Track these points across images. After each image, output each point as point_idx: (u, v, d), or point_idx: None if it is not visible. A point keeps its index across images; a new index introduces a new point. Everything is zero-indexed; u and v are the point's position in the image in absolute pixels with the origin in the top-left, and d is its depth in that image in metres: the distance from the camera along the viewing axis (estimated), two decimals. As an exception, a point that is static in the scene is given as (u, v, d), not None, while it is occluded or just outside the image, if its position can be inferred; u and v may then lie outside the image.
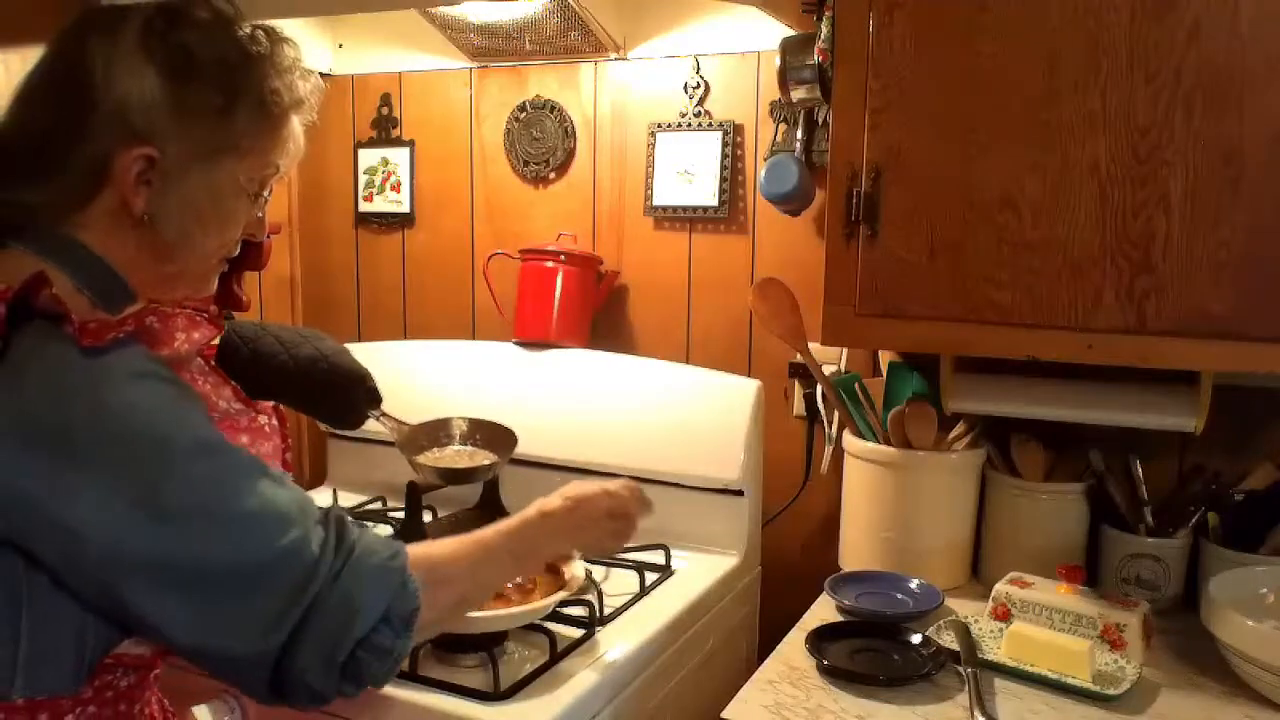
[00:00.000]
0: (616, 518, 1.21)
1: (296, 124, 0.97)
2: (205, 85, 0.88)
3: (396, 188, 2.21)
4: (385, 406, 1.40)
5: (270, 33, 0.93)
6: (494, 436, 1.58)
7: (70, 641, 0.81)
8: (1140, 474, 1.50)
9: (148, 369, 0.82)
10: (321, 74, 2.21)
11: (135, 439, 0.78)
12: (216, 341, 1.28)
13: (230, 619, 0.80)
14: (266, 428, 0.99)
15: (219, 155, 0.90)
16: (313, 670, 0.82)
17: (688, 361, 1.91)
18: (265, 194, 0.99)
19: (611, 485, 1.23)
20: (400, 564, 0.89)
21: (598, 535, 1.20)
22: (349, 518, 0.90)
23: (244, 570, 0.80)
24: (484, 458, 1.54)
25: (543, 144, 2.03)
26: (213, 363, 0.99)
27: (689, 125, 1.89)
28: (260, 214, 1.00)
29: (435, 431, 1.55)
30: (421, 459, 1.48)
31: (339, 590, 0.83)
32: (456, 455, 1.53)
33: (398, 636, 0.87)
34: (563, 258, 1.91)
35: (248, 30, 0.92)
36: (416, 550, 0.93)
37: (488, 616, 1.24)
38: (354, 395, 1.30)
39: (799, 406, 1.86)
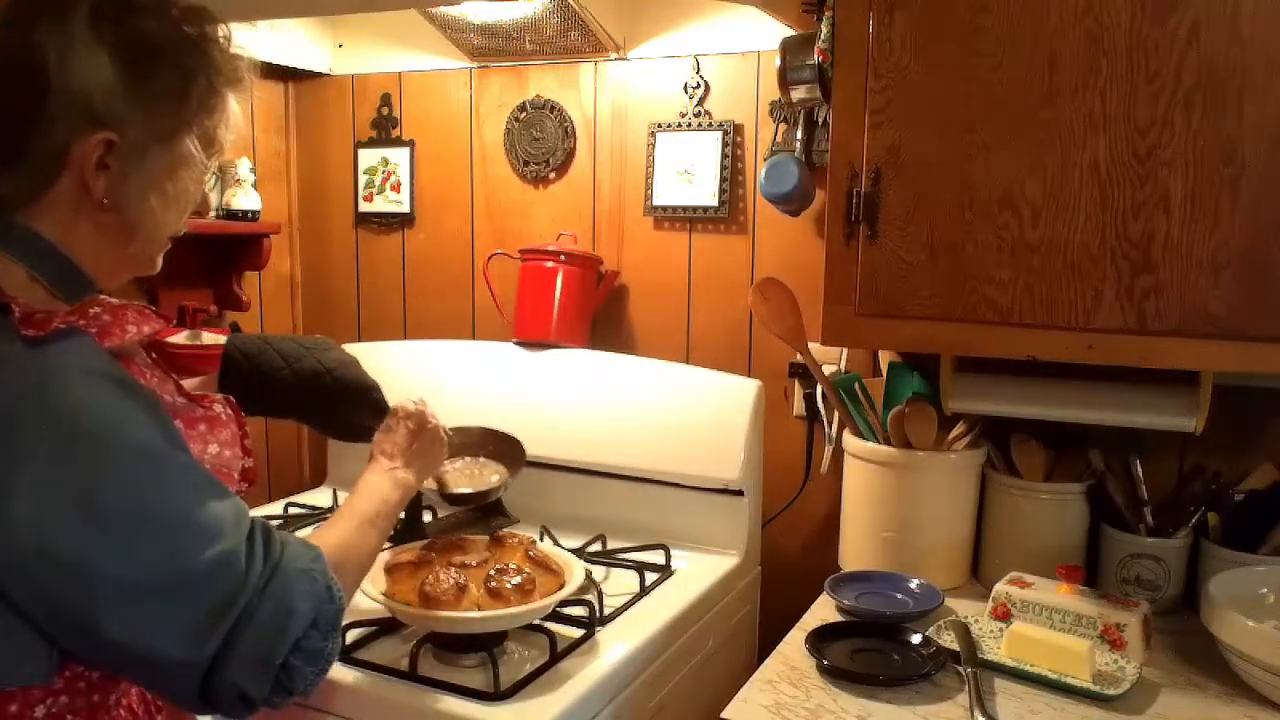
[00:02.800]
0: (417, 436, 1.23)
1: (233, 102, 0.98)
2: (161, 69, 0.89)
3: (396, 188, 2.21)
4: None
5: (203, 11, 0.94)
6: (503, 448, 1.55)
7: (39, 631, 0.81)
8: (1140, 474, 1.50)
9: (96, 367, 0.83)
10: (321, 74, 2.23)
11: (77, 440, 0.79)
12: (209, 340, 1.28)
13: (162, 625, 0.80)
14: (223, 415, 0.99)
15: (176, 135, 0.91)
16: (246, 677, 0.83)
17: (688, 361, 1.91)
18: (214, 170, 1.01)
19: (429, 416, 1.26)
20: (323, 567, 0.91)
21: (422, 458, 1.23)
22: (273, 527, 0.91)
23: (174, 578, 0.81)
24: (491, 471, 1.50)
25: (543, 144, 2.03)
26: (154, 356, 0.99)
27: (689, 125, 1.89)
28: (206, 190, 1.01)
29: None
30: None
31: (269, 599, 0.84)
32: (463, 469, 1.50)
33: (326, 639, 0.89)
34: (563, 258, 1.91)
35: (180, 10, 0.92)
36: (323, 543, 0.95)
37: (488, 616, 1.24)
38: (358, 409, 1.28)
39: (799, 406, 1.86)
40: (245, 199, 2.03)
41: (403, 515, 1.58)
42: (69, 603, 0.79)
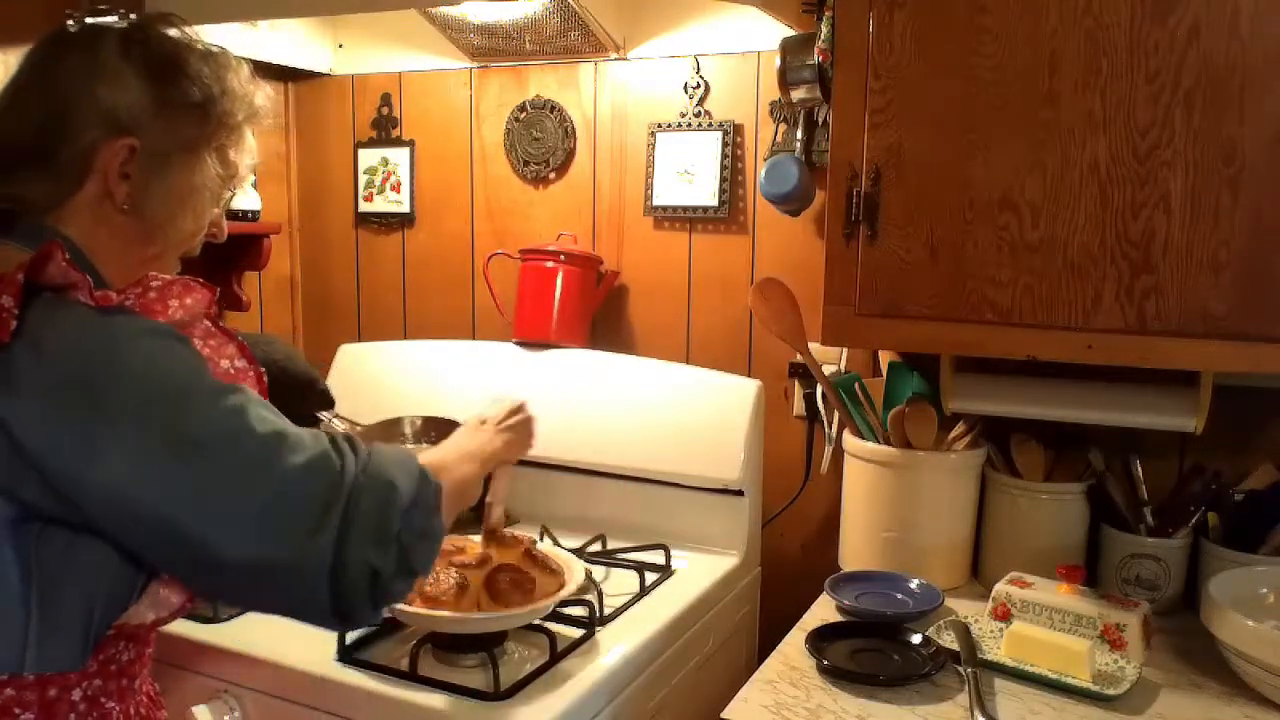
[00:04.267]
0: (529, 436, 1.33)
1: (249, 132, 1.04)
2: (183, 83, 0.95)
3: (396, 188, 2.21)
4: (383, 408, 1.40)
5: (223, 52, 1.01)
6: (447, 433, 1.56)
7: (79, 616, 0.85)
8: (1140, 474, 1.50)
9: (158, 328, 0.87)
10: (321, 74, 2.23)
11: (156, 387, 0.82)
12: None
13: (276, 531, 0.83)
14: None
15: (196, 148, 0.97)
16: (373, 552, 0.85)
17: (688, 361, 1.91)
18: (228, 194, 1.05)
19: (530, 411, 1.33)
20: (413, 455, 0.97)
21: (512, 438, 1.29)
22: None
23: (278, 484, 0.83)
24: None
25: (543, 144, 2.03)
26: (219, 323, 1.01)
27: (689, 125, 1.89)
28: (220, 213, 1.06)
29: (389, 431, 1.53)
30: None
31: (369, 477, 0.88)
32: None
33: (429, 518, 0.93)
34: (563, 258, 1.91)
35: (201, 47, 1.00)
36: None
37: (488, 617, 1.24)
38: (305, 399, 1.31)
39: (799, 406, 1.86)
40: (245, 199, 2.03)
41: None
42: (189, 540, 0.81)
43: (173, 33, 0.98)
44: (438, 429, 1.55)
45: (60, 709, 0.86)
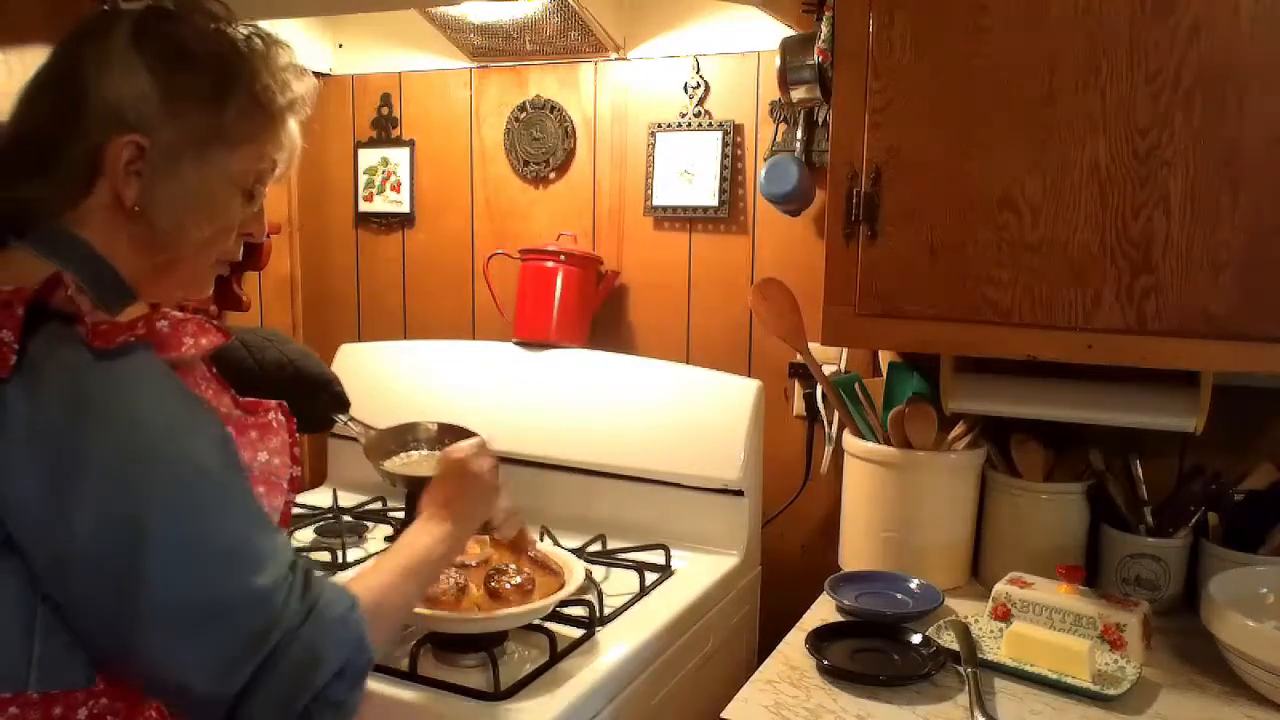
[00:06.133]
0: (479, 484, 1.18)
1: (292, 123, 0.98)
2: (193, 73, 0.89)
3: (396, 188, 2.21)
4: (382, 408, 1.39)
5: (265, 36, 0.95)
6: (460, 440, 1.56)
7: (82, 637, 0.82)
8: (1140, 474, 1.50)
9: (161, 383, 0.83)
10: (321, 74, 2.23)
11: (136, 457, 0.79)
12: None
13: (193, 653, 0.80)
14: (274, 423, 0.99)
15: (209, 145, 0.91)
16: (272, 716, 0.82)
17: (688, 361, 1.91)
18: (261, 191, 0.99)
19: (472, 465, 1.18)
20: (358, 617, 0.89)
21: (479, 507, 1.19)
22: (315, 567, 0.89)
23: (213, 607, 0.80)
24: None
25: (543, 144, 2.03)
26: (214, 369, 0.99)
27: (689, 125, 1.89)
28: (257, 211, 1.00)
29: (403, 436, 1.53)
30: (387, 465, 1.46)
31: (300, 641, 0.82)
32: (423, 461, 1.50)
33: (351, 690, 0.86)
34: (563, 258, 1.91)
35: (243, 33, 0.94)
36: (360, 591, 0.92)
37: (488, 617, 1.24)
38: (320, 400, 1.28)
39: (799, 406, 1.86)
40: (245, 199, 2.03)
41: (403, 515, 1.59)
42: (111, 619, 0.79)
43: (196, 15, 0.92)
44: (452, 436, 1.54)
45: None
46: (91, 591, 0.79)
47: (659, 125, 1.91)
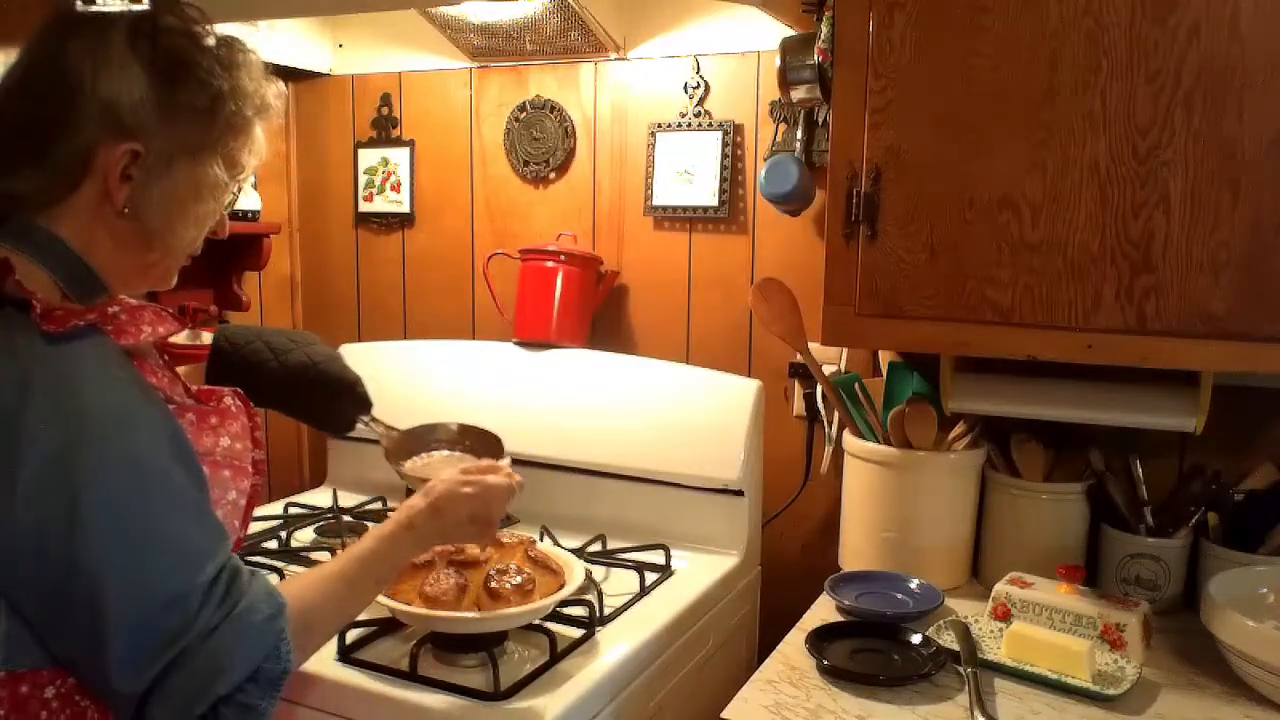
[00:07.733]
0: (478, 521, 1.12)
1: (259, 129, 1.02)
2: (190, 86, 0.92)
3: (396, 188, 2.21)
4: (382, 408, 1.39)
5: (236, 42, 0.98)
6: (481, 442, 1.56)
7: (29, 620, 0.82)
8: (1140, 474, 1.50)
9: (111, 370, 0.84)
10: (321, 74, 2.23)
11: (78, 444, 0.80)
12: (208, 340, 1.29)
13: (106, 647, 0.80)
14: (232, 408, 1.00)
15: (201, 153, 0.94)
16: (164, 718, 0.82)
17: (688, 361, 1.91)
18: (234, 193, 1.03)
19: (489, 480, 1.14)
20: (279, 626, 0.88)
21: (459, 539, 1.18)
22: (245, 569, 0.89)
23: (131, 602, 0.80)
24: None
25: (543, 144, 2.03)
26: (167, 358, 1.00)
27: (689, 125, 1.89)
28: (225, 213, 1.04)
29: (423, 437, 1.52)
30: (407, 467, 1.46)
31: (209, 647, 0.82)
32: (443, 462, 1.50)
33: (263, 696, 0.86)
34: (563, 258, 1.91)
35: (214, 40, 0.96)
36: (291, 597, 0.92)
37: (488, 616, 1.24)
38: (343, 402, 1.29)
39: (799, 406, 1.86)
40: (245, 199, 2.03)
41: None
42: (40, 602, 0.80)
43: (184, 24, 0.93)
44: (472, 438, 1.53)
45: (32, 706, 0.83)
46: (30, 575, 0.79)
47: (659, 125, 1.91)
